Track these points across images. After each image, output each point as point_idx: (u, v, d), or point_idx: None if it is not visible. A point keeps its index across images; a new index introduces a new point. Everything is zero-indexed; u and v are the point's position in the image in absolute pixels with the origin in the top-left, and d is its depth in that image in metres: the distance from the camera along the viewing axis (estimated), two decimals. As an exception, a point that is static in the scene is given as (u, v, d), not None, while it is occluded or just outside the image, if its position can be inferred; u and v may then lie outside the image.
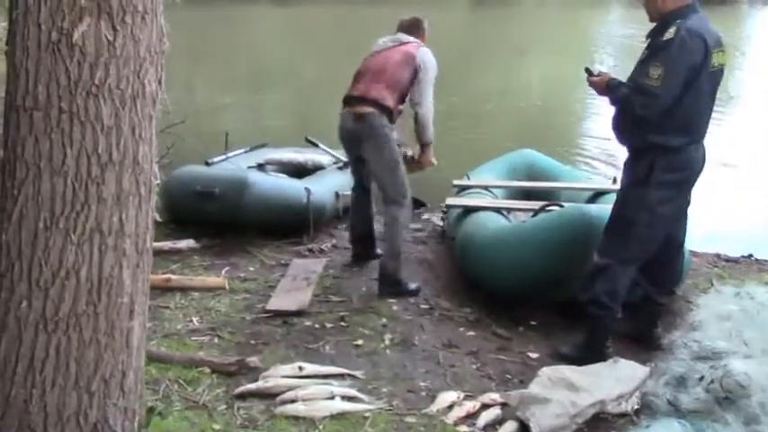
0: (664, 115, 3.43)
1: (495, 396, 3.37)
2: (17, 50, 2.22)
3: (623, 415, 3.29)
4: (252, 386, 3.37)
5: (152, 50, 2.32)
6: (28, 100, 2.22)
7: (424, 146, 4.58)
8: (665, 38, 3.42)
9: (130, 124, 2.30)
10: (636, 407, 3.32)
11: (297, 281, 4.48)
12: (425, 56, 4.48)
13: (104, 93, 2.23)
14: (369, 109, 4.38)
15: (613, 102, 3.65)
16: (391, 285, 4.39)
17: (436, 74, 4.47)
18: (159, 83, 2.38)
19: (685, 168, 3.57)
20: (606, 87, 3.65)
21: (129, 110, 2.29)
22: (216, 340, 3.83)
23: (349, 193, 5.49)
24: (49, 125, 2.22)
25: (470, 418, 3.24)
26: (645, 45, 3.65)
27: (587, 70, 3.77)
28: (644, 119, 3.47)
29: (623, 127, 3.64)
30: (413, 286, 4.45)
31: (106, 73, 2.22)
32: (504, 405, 3.29)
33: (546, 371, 3.39)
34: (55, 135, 2.22)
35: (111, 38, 2.21)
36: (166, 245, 4.84)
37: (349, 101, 4.51)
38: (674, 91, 3.41)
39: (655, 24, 3.60)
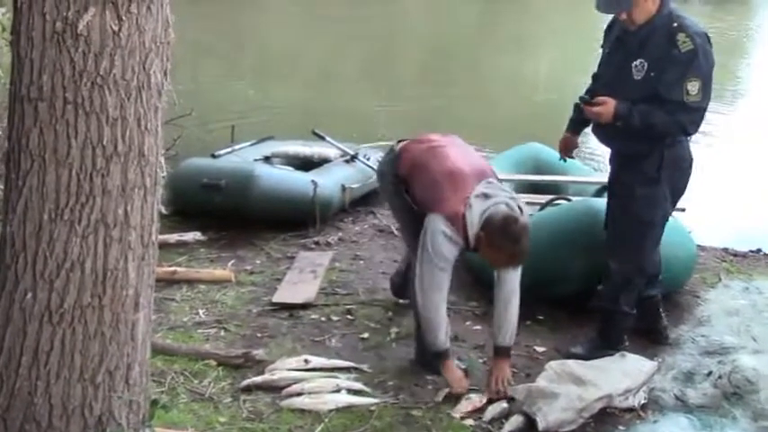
0: None
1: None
2: (21, 40, 2.20)
3: (630, 410, 3.27)
4: (258, 379, 3.37)
5: (157, 41, 2.30)
6: (32, 90, 2.21)
7: None
8: (683, 50, 3.26)
9: (136, 115, 2.29)
10: (643, 401, 3.31)
11: (303, 274, 4.47)
12: None
13: (109, 83, 2.22)
14: None
15: (631, 127, 3.36)
16: None
17: None
18: (165, 74, 2.36)
19: (688, 157, 3.53)
20: (617, 115, 3.36)
21: (134, 101, 2.28)
22: (222, 333, 3.83)
23: (356, 186, 5.48)
24: (54, 116, 2.21)
25: (477, 412, 3.23)
26: (620, 47, 3.48)
27: (583, 99, 3.49)
28: (690, 134, 3.41)
29: (630, 137, 3.42)
30: None
31: (111, 63, 2.21)
32: (510, 399, 3.28)
33: (553, 365, 3.38)
34: (60, 126, 2.21)
35: (116, 28, 2.20)
36: (172, 237, 4.83)
37: None
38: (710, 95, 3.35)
39: (634, 28, 3.38)
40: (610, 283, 3.61)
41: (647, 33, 3.36)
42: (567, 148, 3.96)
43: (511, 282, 3.39)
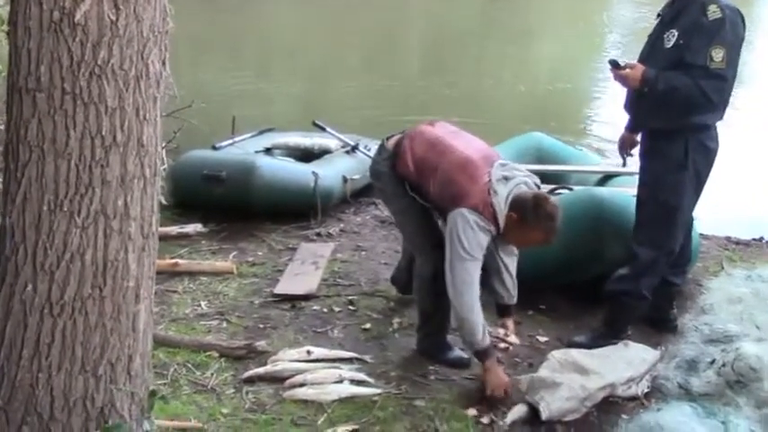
0: None
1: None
2: (18, 31, 2.18)
3: (633, 398, 3.28)
4: (260, 370, 3.37)
5: (155, 30, 2.28)
6: (30, 81, 2.19)
7: None
8: (711, 18, 3.30)
9: (134, 105, 2.27)
10: (646, 390, 3.31)
11: (305, 265, 4.46)
12: None
13: (108, 73, 2.20)
14: None
15: (656, 93, 3.39)
16: None
17: None
18: (163, 63, 2.34)
19: (714, 146, 3.51)
20: (644, 80, 3.40)
21: (132, 91, 2.25)
22: (224, 324, 3.83)
23: (357, 177, 5.47)
24: (52, 107, 2.19)
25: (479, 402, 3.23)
26: (658, 22, 3.56)
27: (613, 62, 3.48)
28: (712, 103, 3.38)
29: (656, 111, 3.46)
30: None
31: (109, 53, 2.19)
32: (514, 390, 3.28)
33: (555, 354, 3.37)
34: (58, 117, 2.19)
35: (113, 17, 2.17)
36: (174, 229, 4.83)
37: None
38: (736, 71, 3.35)
39: (672, 2, 3.50)
40: (633, 266, 3.58)
41: (682, 6, 3.43)
42: (625, 147, 3.94)
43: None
